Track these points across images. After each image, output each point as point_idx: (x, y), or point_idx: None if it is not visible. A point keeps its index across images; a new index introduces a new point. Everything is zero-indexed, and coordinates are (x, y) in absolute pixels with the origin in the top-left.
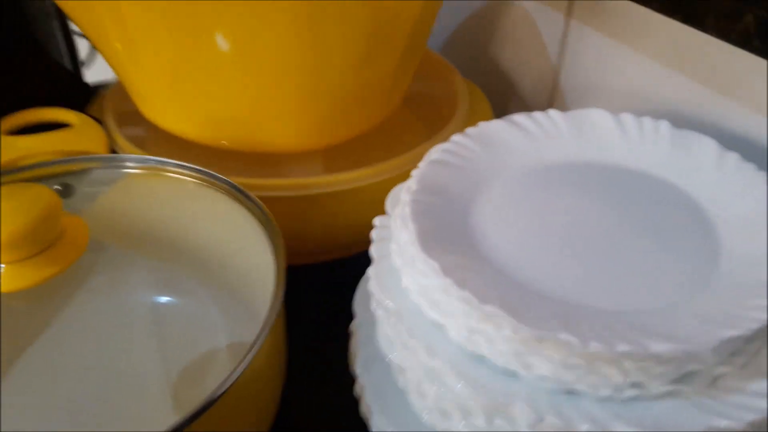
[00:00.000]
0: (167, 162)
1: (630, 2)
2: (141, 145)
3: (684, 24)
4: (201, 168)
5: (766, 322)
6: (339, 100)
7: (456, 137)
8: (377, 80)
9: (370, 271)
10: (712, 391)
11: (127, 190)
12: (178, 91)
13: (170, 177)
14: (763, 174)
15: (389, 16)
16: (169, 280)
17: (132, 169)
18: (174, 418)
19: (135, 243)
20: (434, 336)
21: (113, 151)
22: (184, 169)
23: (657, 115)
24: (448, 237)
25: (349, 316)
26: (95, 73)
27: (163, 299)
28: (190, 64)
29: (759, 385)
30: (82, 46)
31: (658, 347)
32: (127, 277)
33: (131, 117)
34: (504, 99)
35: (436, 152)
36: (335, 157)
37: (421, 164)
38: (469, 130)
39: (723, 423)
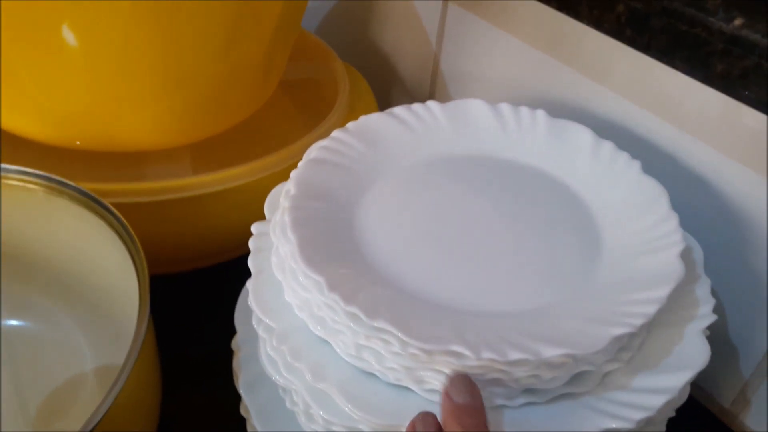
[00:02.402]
0: (7, 168)
1: None
2: None
3: (558, 11)
4: (46, 174)
5: (652, 317)
6: (202, 88)
7: (336, 133)
8: (247, 65)
9: (249, 284)
10: (601, 390)
11: None
12: (5, 82)
13: (11, 185)
14: (636, 163)
15: None
16: (18, 302)
17: None
18: None
19: None
20: (321, 354)
21: None
22: (26, 175)
23: (536, 101)
24: (332, 246)
25: (232, 327)
26: None
27: (12, 323)
28: (18, 54)
29: (644, 380)
30: None
31: (550, 352)
32: None
33: None
34: (385, 83)
35: (315, 150)
36: (205, 153)
37: (300, 164)
38: (350, 125)
39: (614, 424)
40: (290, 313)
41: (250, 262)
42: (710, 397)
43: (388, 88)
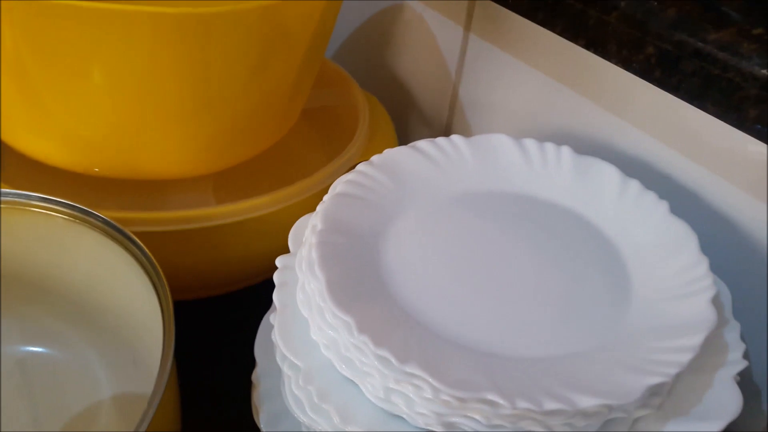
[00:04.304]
0: (31, 195)
1: (533, 23)
2: (2, 175)
3: (586, 50)
4: (70, 202)
5: (686, 365)
6: (229, 118)
7: (361, 167)
8: (275, 93)
9: (273, 319)
10: None
11: None
12: (32, 108)
13: (35, 212)
14: (663, 203)
15: (285, 22)
16: (37, 328)
17: None
18: None
19: None
20: (348, 395)
21: None
22: (50, 203)
23: (557, 135)
24: (360, 285)
25: (249, 354)
26: None
27: (31, 349)
28: (43, 77)
29: (675, 426)
30: None
31: (586, 402)
32: None
33: None
34: (402, 111)
35: (341, 184)
36: (228, 182)
37: (326, 198)
38: (375, 158)
39: None
40: (316, 351)
41: (275, 297)
42: None
43: (406, 116)
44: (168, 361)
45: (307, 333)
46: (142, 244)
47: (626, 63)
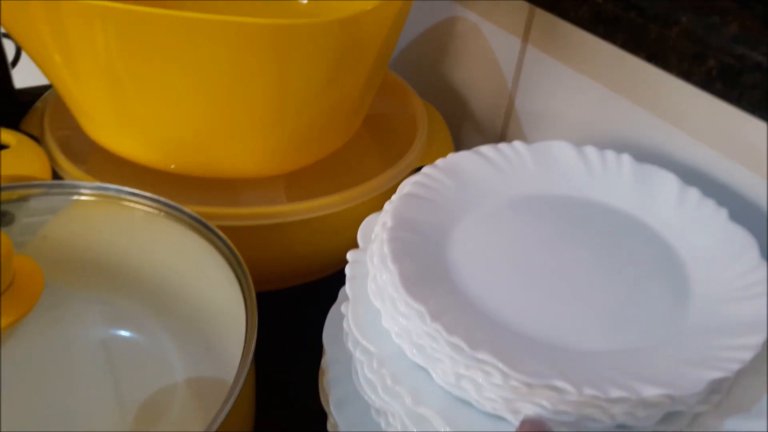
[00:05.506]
0: (121, 189)
1: (590, 35)
2: (86, 167)
3: (648, 62)
4: (158, 197)
5: (747, 362)
6: (303, 124)
7: (427, 169)
8: (344, 102)
9: (346, 309)
10: (691, 430)
11: (73, 219)
12: (122, 109)
13: (121, 205)
14: (723, 210)
15: (359, 34)
16: (123, 314)
17: (80, 197)
18: None
19: (83, 275)
20: (419, 380)
21: (56, 176)
22: (139, 197)
23: (613, 144)
24: (430, 277)
25: (317, 343)
26: (21, 76)
27: (116, 332)
28: (134, 81)
29: (734, 422)
30: (8, 47)
31: (649, 392)
32: (75, 311)
33: (73, 135)
34: (456, 119)
35: (408, 185)
36: (297, 182)
37: (395, 198)
38: (439, 162)
39: None
40: (387, 339)
41: (348, 288)
42: None
43: (460, 123)
44: (250, 350)
45: (377, 322)
46: (226, 239)
47: (687, 75)
